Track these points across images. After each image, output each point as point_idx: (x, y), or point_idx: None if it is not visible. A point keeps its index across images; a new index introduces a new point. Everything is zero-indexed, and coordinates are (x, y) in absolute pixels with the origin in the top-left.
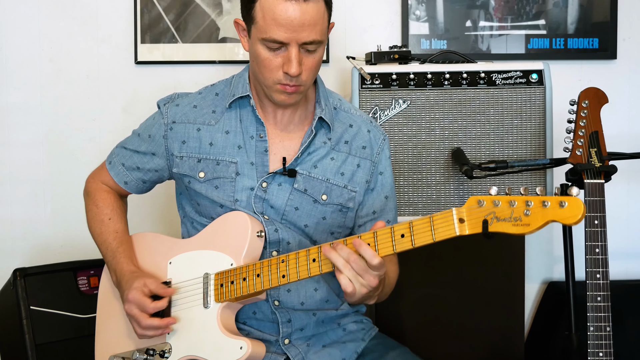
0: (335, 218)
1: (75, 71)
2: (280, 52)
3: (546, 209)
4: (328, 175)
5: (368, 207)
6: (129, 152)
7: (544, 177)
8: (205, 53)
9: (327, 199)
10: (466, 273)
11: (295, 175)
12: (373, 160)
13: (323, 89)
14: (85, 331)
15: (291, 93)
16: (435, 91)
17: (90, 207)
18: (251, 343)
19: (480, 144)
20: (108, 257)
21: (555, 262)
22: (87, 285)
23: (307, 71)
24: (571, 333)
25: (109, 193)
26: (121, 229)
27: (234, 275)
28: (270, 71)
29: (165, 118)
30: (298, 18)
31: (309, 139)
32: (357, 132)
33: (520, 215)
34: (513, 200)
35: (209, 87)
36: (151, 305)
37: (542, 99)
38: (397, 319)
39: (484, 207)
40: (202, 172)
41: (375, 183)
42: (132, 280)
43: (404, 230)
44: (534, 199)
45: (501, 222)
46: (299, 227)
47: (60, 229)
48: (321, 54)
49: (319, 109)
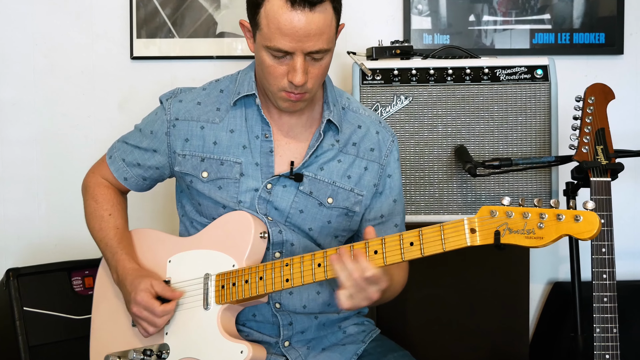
0: (340, 222)
1: (70, 67)
2: (285, 60)
3: (560, 223)
4: (334, 178)
5: (376, 211)
6: (130, 148)
7: (549, 175)
8: (202, 48)
9: (332, 202)
10: (469, 273)
11: (302, 179)
12: (381, 163)
13: (332, 89)
14: (79, 332)
15: (296, 101)
16: (438, 87)
17: (89, 202)
18: (252, 347)
19: (484, 141)
20: (108, 254)
21: (560, 262)
22: (81, 286)
23: (312, 79)
24: (577, 334)
25: (108, 188)
26: (122, 226)
27: (236, 276)
28: (274, 78)
29: (169, 114)
30: (303, 28)
31: (317, 143)
32: (366, 134)
33: (533, 228)
34: (527, 212)
35: (213, 82)
36: (160, 309)
37: (547, 95)
38: (399, 320)
39: (496, 218)
40: (206, 172)
41: (383, 186)
42: (138, 280)
43: (413, 238)
44: (548, 211)
45: (514, 234)
46: (303, 230)
47: (54, 228)
48: (328, 61)
49: (327, 111)
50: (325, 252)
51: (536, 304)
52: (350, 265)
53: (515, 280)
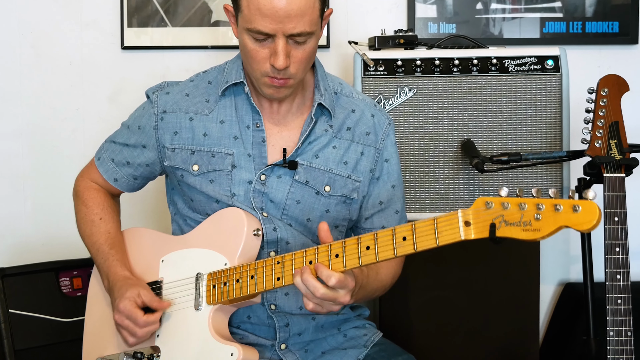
0: (339, 210)
1: (58, 58)
2: (267, 44)
3: (558, 214)
4: (330, 165)
5: (374, 198)
6: (118, 146)
7: (560, 170)
8: (196, 37)
9: (330, 191)
10: (476, 274)
11: (296, 167)
12: (377, 147)
13: (322, 73)
14: (67, 336)
15: (279, 87)
16: (444, 79)
17: (80, 208)
18: (243, 349)
19: (492, 135)
20: (99, 260)
21: (572, 262)
22: (69, 287)
23: (296, 64)
24: (589, 338)
25: (98, 191)
26: (113, 230)
27: (227, 276)
28: (257, 63)
29: (156, 107)
30: (283, 8)
31: (309, 128)
32: (360, 118)
33: (530, 220)
34: (523, 203)
35: (200, 74)
36: (143, 319)
37: (559, 87)
38: (402, 323)
39: (491, 210)
40: (196, 165)
41: (380, 171)
42: (126, 288)
43: (406, 233)
44: (545, 202)
45: (510, 226)
46: (302, 222)
47: (42, 226)
48: (312, 46)
49: (318, 95)
50: (317, 249)
51: (547, 306)
52: (310, 283)
53: (524, 281)
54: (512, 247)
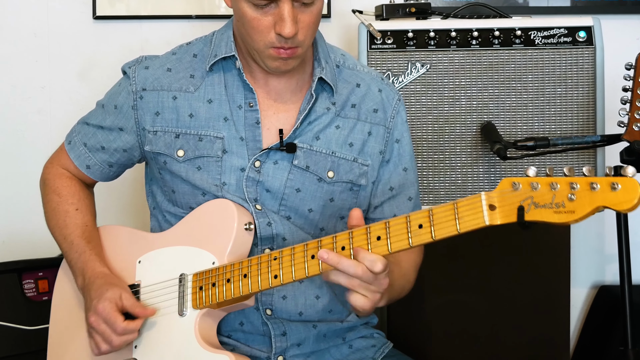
0: (345, 199)
1: (21, 28)
2: (270, 10)
3: (595, 193)
4: (333, 147)
5: (384, 184)
6: (92, 129)
7: (593, 157)
8: (178, 6)
9: (334, 176)
10: (497, 275)
11: (295, 150)
12: (387, 125)
13: (323, 45)
14: (32, 346)
15: (287, 58)
16: (461, 53)
17: (51, 197)
18: (236, 358)
19: (516, 117)
20: (72, 255)
21: (607, 262)
22: (34, 290)
23: (304, 29)
24: (627, 348)
25: (71, 179)
26: (90, 223)
27: (216, 275)
28: (259, 33)
29: (134, 84)
30: None
31: (308, 106)
32: (367, 93)
33: (563, 201)
34: (555, 183)
35: (184, 46)
36: (122, 325)
37: (592, 63)
38: (414, 332)
39: (519, 191)
40: (182, 150)
41: (391, 153)
42: (106, 287)
43: (422, 220)
44: (580, 180)
45: (540, 208)
46: (302, 213)
47: (2, 222)
48: (320, 7)
49: (319, 69)
50: (320, 242)
51: (578, 312)
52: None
53: (553, 283)
54: (539, 243)
